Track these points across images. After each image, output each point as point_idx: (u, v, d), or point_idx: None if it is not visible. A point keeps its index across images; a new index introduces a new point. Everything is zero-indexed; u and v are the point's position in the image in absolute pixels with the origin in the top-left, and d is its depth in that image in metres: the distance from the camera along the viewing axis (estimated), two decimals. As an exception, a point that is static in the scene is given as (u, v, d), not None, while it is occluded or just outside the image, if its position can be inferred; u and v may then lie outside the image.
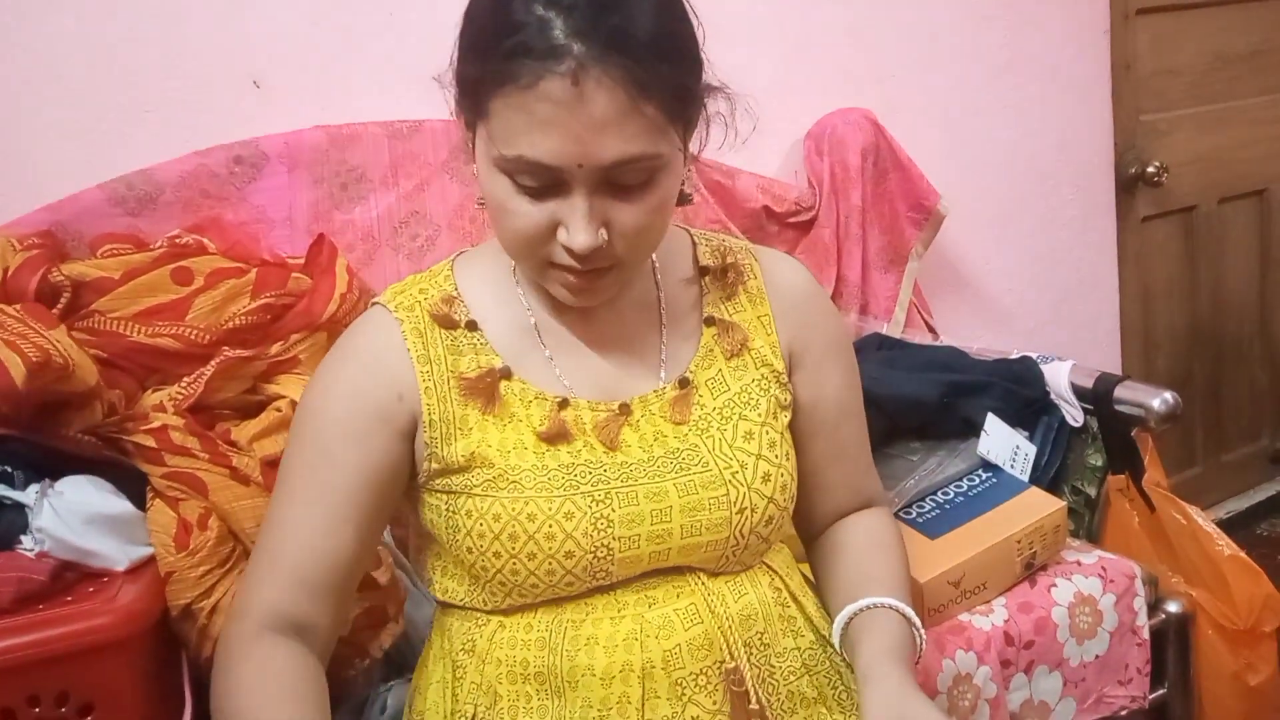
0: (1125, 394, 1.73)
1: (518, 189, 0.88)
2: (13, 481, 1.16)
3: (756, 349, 1.05)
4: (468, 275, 1.03)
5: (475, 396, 0.97)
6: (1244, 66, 2.63)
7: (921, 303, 2.14)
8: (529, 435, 0.97)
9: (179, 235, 1.50)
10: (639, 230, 0.91)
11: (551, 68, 0.83)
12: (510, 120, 0.85)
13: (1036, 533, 1.50)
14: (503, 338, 1.00)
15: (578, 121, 0.83)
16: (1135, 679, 1.55)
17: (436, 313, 0.99)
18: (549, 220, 0.89)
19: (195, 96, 1.56)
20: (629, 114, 0.84)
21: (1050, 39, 2.33)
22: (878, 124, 2.03)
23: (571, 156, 0.85)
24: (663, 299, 1.05)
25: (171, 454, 1.23)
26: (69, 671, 1.08)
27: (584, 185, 0.87)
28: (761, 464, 0.99)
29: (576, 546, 0.93)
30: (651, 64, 0.84)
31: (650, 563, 0.97)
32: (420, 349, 0.98)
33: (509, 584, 0.95)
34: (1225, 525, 2.09)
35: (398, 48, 1.67)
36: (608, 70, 0.83)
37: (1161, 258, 2.62)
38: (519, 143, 0.85)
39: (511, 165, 0.87)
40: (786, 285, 1.09)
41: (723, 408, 1.01)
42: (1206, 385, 2.75)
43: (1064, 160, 2.42)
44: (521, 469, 0.95)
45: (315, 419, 0.99)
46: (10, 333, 1.16)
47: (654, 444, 0.99)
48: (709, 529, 0.97)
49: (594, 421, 0.98)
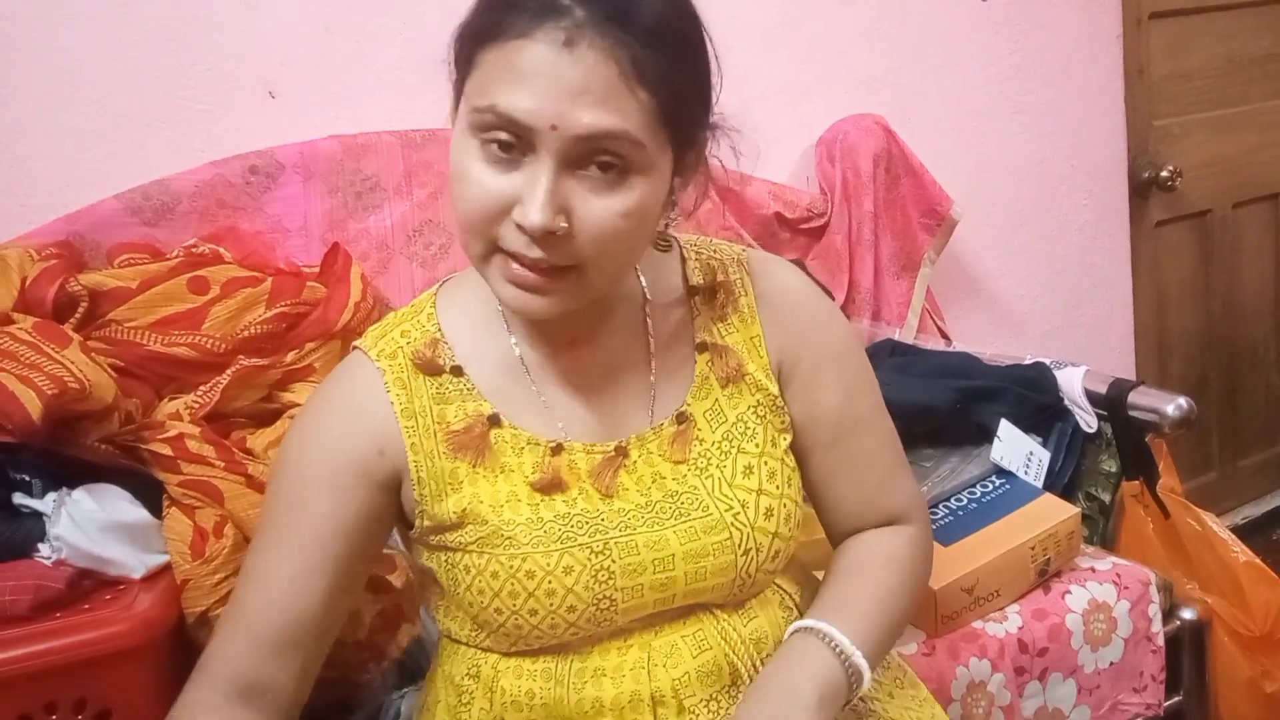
0: (1139, 399, 1.72)
1: (483, 156, 0.82)
2: (30, 490, 1.17)
3: (750, 373, 0.99)
4: (450, 310, 0.98)
5: (464, 451, 0.93)
6: (1258, 70, 2.62)
7: (934, 308, 2.14)
8: (522, 486, 0.93)
9: (195, 245, 1.51)
10: (604, 230, 0.83)
11: (547, 24, 0.79)
12: (492, 70, 0.81)
13: (1050, 539, 1.50)
14: (490, 379, 0.95)
15: (561, 81, 0.79)
16: (1150, 686, 1.54)
17: (420, 359, 0.94)
18: (508, 196, 0.82)
19: (211, 107, 1.58)
20: (617, 89, 0.80)
21: (1063, 44, 2.33)
22: (889, 130, 2.03)
23: (546, 116, 0.79)
24: (651, 325, 0.99)
25: (187, 462, 1.23)
26: (86, 678, 1.08)
27: (552, 156, 0.81)
28: (763, 500, 0.95)
29: (578, 600, 0.90)
30: (651, 49, 0.81)
31: (655, 607, 0.94)
32: (404, 401, 0.93)
33: (513, 635, 0.92)
34: (1241, 531, 2.09)
35: (411, 56, 1.68)
36: (605, 39, 0.79)
37: (1175, 262, 2.61)
38: (494, 92, 0.80)
39: (482, 119, 0.81)
40: (777, 297, 1.02)
41: (721, 440, 0.97)
42: (1221, 390, 2.74)
43: (1077, 165, 2.41)
44: (516, 523, 0.91)
45: (291, 468, 0.94)
46: (23, 363, 1.16)
47: (651, 487, 0.95)
48: (714, 573, 0.94)
49: (589, 467, 0.94)
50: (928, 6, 2.15)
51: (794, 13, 2.01)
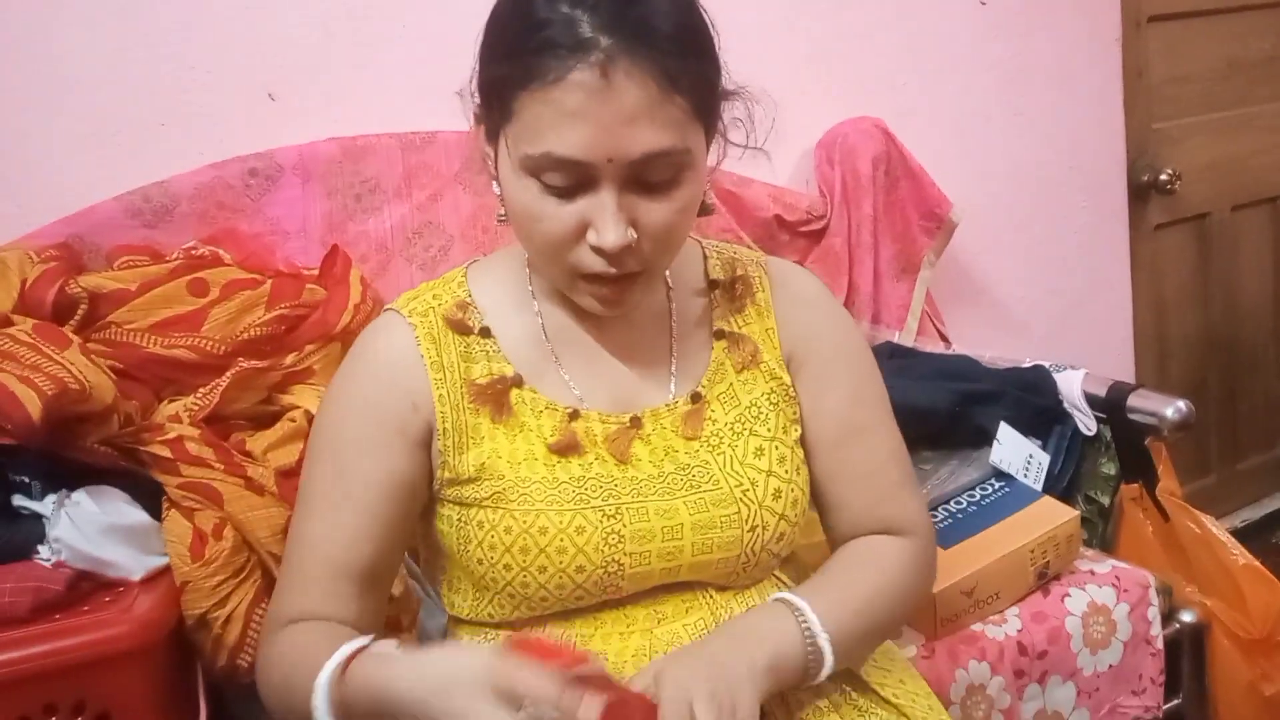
0: (1138, 402, 1.72)
1: (544, 190, 0.87)
2: (30, 492, 1.17)
3: (765, 362, 1.03)
4: (481, 282, 1.03)
5: (485, 403, 0.97)
6: (1257, 73, 2.63)
7: (934, 311, 2.14)
8: (539, 446, 0.96)
9: (195, 247, 1.51)
10: (667, 230, 0.89)
11: (580, 61, 0.82)
12: (538, 116, 0.84)
13: (1050, 542, 1.50)
14: (515, 345, 1.00)
15: (607, 113, 0.83)
16: (1149, 689, 1.54)
17: (451, 318, 0.99)
18: (577, 222, 0.87)
19: (210, 109, 1.58)
20: (659, 105, 0.84)
21: (1061, 47, 2.33)
22: (889, 133, 2.03)
23: (601, 150, 0.84)
24: (674, 310, 1.04)
25: (187, 464, 1.23)
26: (85, 680, 1.08)
27: (613, 181, 0.85)
28: (772, 480, 0.98)
29: (587, 561, 0.93)
30: (678, 57, 0.84)
31: (660, 578, 0.97)
32: (434, 355, 0.97)
33: (518, 596, 0.95)
34: (1240, 534, 2.08)
35: (410, 59, 1.68)
36: (636, 62, 0.82)
37: (1175, 265, 2.61)
38: (546, 139, 0.84)
39: (538, 164, 0.85)
40: (794, 295, 1.07)
41: (734, 422, 1.00)
42: (1221, 393, 2.74)
43: (1076, 168, 2.41)
44: (532, 481, 0.94)
45: (332, 432, 0.98)
46: (24, 365, 1.16)
47: (664, 459, 0.98)
48: (720, 547, 0.96)
49: (605, 434, 0.98)
50: (927, 9, 2.15)
51: (793, 15, 2.01)
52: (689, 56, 0.86)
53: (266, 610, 1.00)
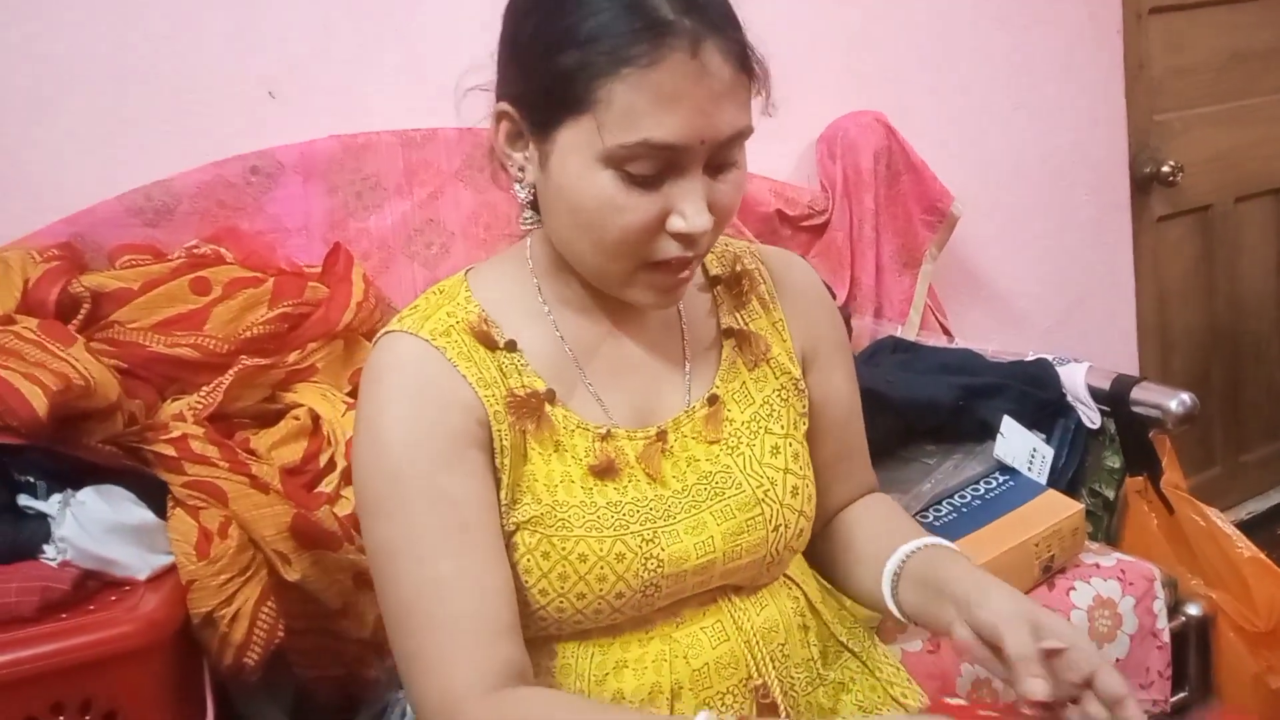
0: (1142, 395, 1.72)
1: (626, 181, 0.83)
2: (35, 491, 1.17)
3: (775, 357, 1.02)
4: (488, 297, 0.96)
5: (524, 416, 0.91)
6: (1259, 64, 2.62)
7: (936, 305, 2.14)
8: (575, 468, 0.92)
9: (197, 245, 1.51)
10: (731, 209, 0.89)
11: (669, 43, 0.80)
12: (631, 102, 0.81)
13: (1055, 535, 1.50)
14: (540, 361, 0.94)
15: (702, 94, 0.81)
16: (1157, 682, 1.54)
17: (477, 331, 0.92)
18: (659, 211, 0.85)
19: (211, 108, 1.58)
20: (737, 86, 0.84)
21: (1063, 39, 2.33)
22: (890, 126, 2.03)
23: (696, 132, 0.82)
24: (683, 311, 1.02)
25: (191, 463, 1.23)
26: (92, 679, 1.08)
27: (698, 164, 0.84)
28: (789, 478, 0.98)
29: (626, 587, 0.90)
30: (737, 31, 0.85)
31: (694, 590, 0.95)
32: (475, 373, 0.90)
33: (549, 619, 0.91)
34: (1245, 526, 2.08)
35: (410, 57, 1.68)
36: (717, 42, 0.82)
37: (1178, 257, 2.61)
38: (642, 125, 0.81)
39: (630, 152, 0.82)
40: (798, 288, 1.07)
41: (749, 421, 0.99)
42: (1224, 385, 2.74)
43: (1078, 160, 2.41)
44: (569, 505, 0.91)
45: (408, 469, 0.88)
46: (29, 361, 1.16)
47: (687, 470, 0.96)
48: (749, 551, 0.95)
49: (635, 452, 0.95)
50: (927, 3, 2.15)
51: (794, 9, 2.01)
52: (740, 32, 0.87)
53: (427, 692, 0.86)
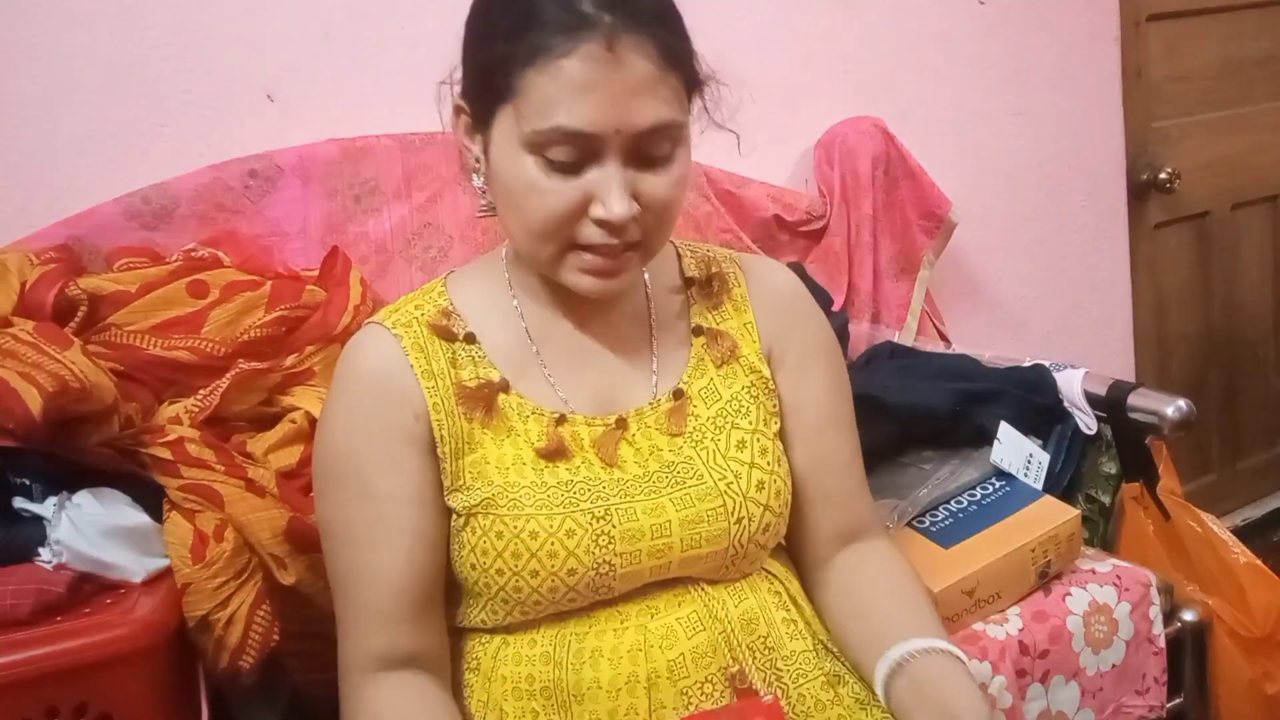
0: (1139, 401, 1.72)
1: (547, 166, 0.88)
2: (30, 494, 1.17)
3: (744, 356, 1.05)
4: (461, 290, 1.03)
5: (473, 406, 0.97)
6: (1256, 72, 2.63)
7: (934, 311, 2.14)
8: (527, 451, 0.97)
9: (194, 249, 1.51)
10: (665, 203, 0.92)
11: (585, 38, 0.85)
12: (546, 91, 0.86)
13: (1051, 541, 1.50)
14: (499, 351, 1.00)
15: (615, 85, 0.86)
16: (1153, 689, 1.54)
17: (435, 325, 0.99)
18: (580, 196, 0.89)
19: (210, 111, 1.58)
20: (659, 80, 0.88)
21: (1060, 46, 2.33)
22: (888, 132, 2.04)
23: (609, 121, 0.86)
24: (653, 309, 1.06)
25: (188, 466, 1.23)
26: (87, 682, 1.08)
27: (617, 154, 0.88)
28: (755, 472, 1.00)
29: (579, 564, 0.94)
30: (669, 35, 0.89)
31: (651, 575, 0.97)
32: (423, 364, 0.98)
33: (511, 601, 0.95)
34: (1241, 532, 2.09)
35: (409, 60, 1.68)
36: (637, 37, 0.86)
37: (1174, 264, 2.61)
38: (555, 112, 0.86)
39: (546, 138, 0.87)
40: (770, 290, 1.09)
41: (715, 417, 1.02)
42: (1221, 392, 2.74)
43: (1075, 167, 2.41)
44: (520, 486, 0.95)
45: (344, 456, 0.97)
46: (25, 362, 1.16)
47: (649, 458, 0.99)
48: (708, 540, 0.98)
49: (591, 437, 0.98)
50: (925, 9, 2.15)
51: (792, 16, 2.01)
52: (677, 36, 0.91)
53: (341, 652, 0.98)
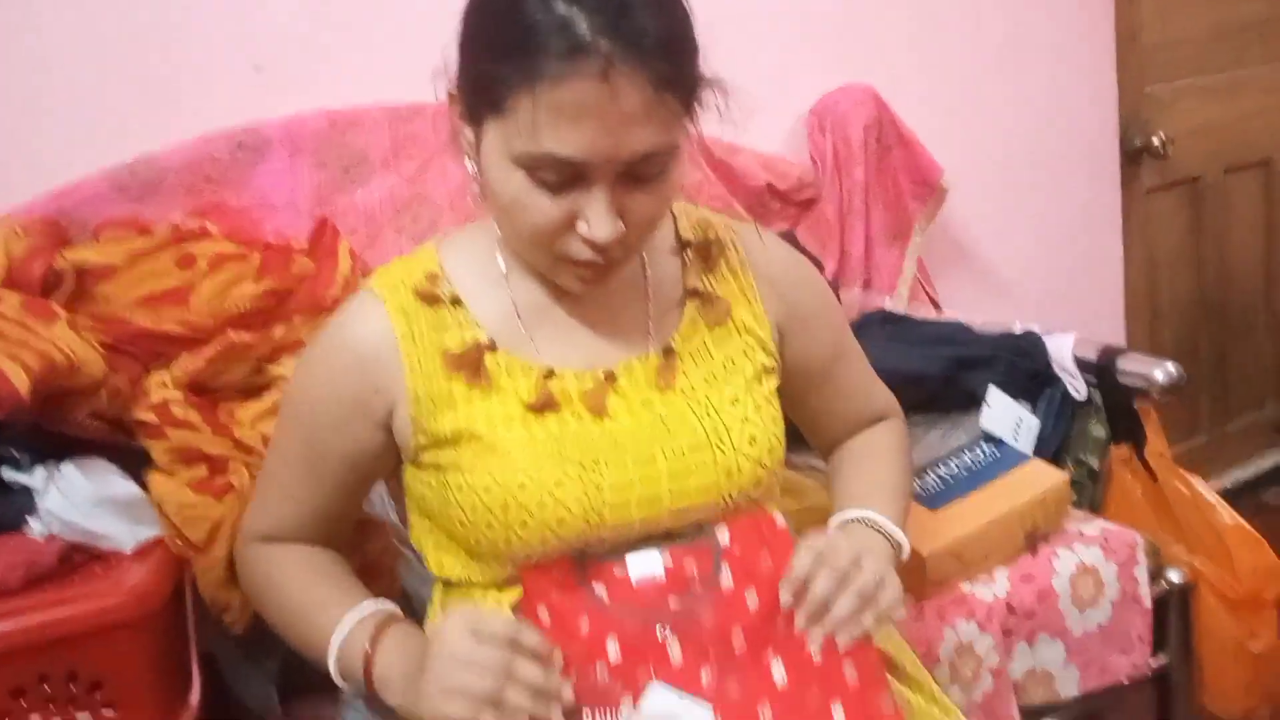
0: (1128, 365, 1.73)
1: (535, 184, 0.88)
2: (19, 465, 1.18)
3: (740, 318, 1.06)
4: (452, 255, 1.04)
5: (460, 369, 0.98)
6: (1250, 35, 2.61)
7: (925, 277, 2.14)
8: (516, 406, 0.98)
9: (182, 220, 1.50)
10: (652, 219, 0.93)
11: (581, 64, 0.83)
12: (537, 117, 0.85)
13: (1039, 504, 1.51)
14: (488, 314, 1.01)
15: (610, 116, 0.84)
16: (1139, 648, 1.55)
17: (420, 289, 1.00)
18: (566, 214, 0.89)
19: (197, 82, 1.57)
20: (653, 108, 0.86)
21: (1054, 10, 2.32)
22: (880, 99, 2.03)
23: (601, 151, 0.85)
24: (648, 275, 1.06)
25: (173, 427, 1.24)
26: (78, 651, 1.10)
27: (606, 178, 0.88)
28: (747, 427, 1.01)
29: (568, 514, 0.94)
30: (668, 60, 0.86)
31: (641, 529, 0.98)
32: (404, 326, 0.99)
33: (503, 555, 0.96)
34: (1230, 494, 2.09)
35: (397, 31, 1.67)
36: (634, 65, 0.84)
37: (1167, 229, 2.61)
38: (545, 139, 0.85)
39: (534, 161, 0.87)
40: (768, 257, 1.10)
41: (707, 375, 1.03)
42: (1211, 355, 2.74)
43: (1068, 132, 2.40)
44: (510, 440, 0.96)
45: (301, 402, 1.05)
46: (11, 341, 1.16)
47: (640, 410, 1.00)
48: (697, 492, 0.98)
49: (580, 390, 0.99)
50: (917, -26, 2.14)
51: (783, -18, 2.00)
52: (678, 58, 0.88)
53: (242, 523, 1.12)
